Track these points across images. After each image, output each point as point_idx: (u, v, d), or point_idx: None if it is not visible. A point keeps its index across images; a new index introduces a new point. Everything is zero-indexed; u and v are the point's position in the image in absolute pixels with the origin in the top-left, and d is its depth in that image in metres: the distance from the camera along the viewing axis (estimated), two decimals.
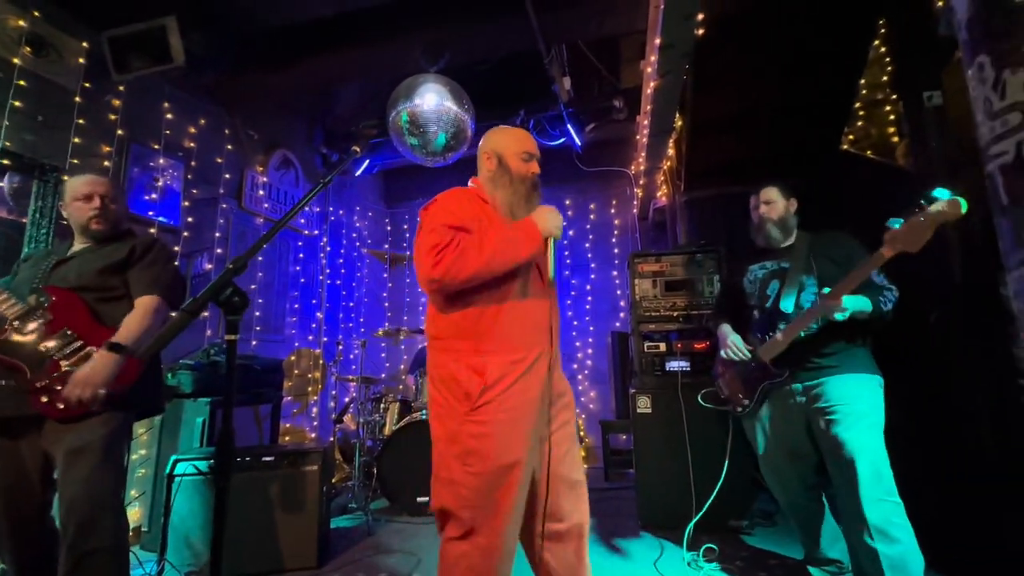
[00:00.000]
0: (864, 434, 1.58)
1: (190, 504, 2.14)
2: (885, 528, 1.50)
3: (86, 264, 1.57)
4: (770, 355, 1.78)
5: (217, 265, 3.26)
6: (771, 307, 1.84)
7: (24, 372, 1.39)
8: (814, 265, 1.81)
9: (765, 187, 1.97)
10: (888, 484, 1.54)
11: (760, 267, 1.96)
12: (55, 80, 2.41)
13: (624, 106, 3.59)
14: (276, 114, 3.90)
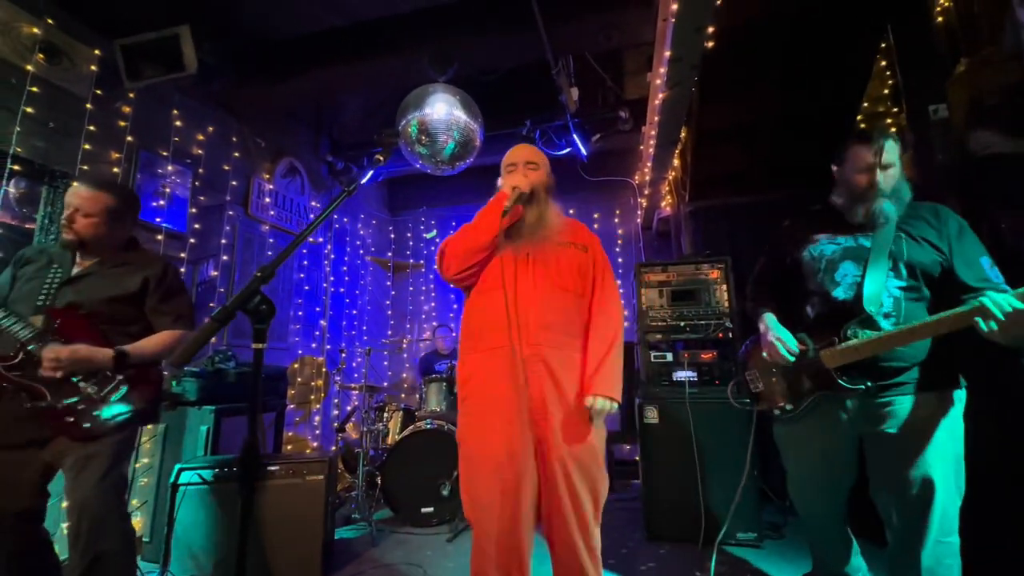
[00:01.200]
0: (940, 467, 1.30)
1: (194, 514, 2.11)
2: (935, 570, 1.33)
3: (95, 291, 1.57)
4: (838, 362, 1.37)
5: (222, 273, 3.26)
6: (845, 301, 1.40)
7: (44, 395, 1.41)
8: (905, 250, 1.35)
9: (883, 138, 1.37)
10: (950, 523, 1.33)
11: (829, 240, 1.48)
12: (67, 87, 2.42)
13: (629, 117, 3.62)
14: (283, 122, 3.92)
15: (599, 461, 1.45)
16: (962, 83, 2.32)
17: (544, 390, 1.39)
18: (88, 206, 1.58)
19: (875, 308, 1.35)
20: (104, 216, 1.60)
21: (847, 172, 1.47)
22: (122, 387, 1.46)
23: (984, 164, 2.15)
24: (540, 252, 1.50)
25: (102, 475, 1.43)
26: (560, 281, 1.48)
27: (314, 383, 4.04)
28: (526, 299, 1.44)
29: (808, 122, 3.18)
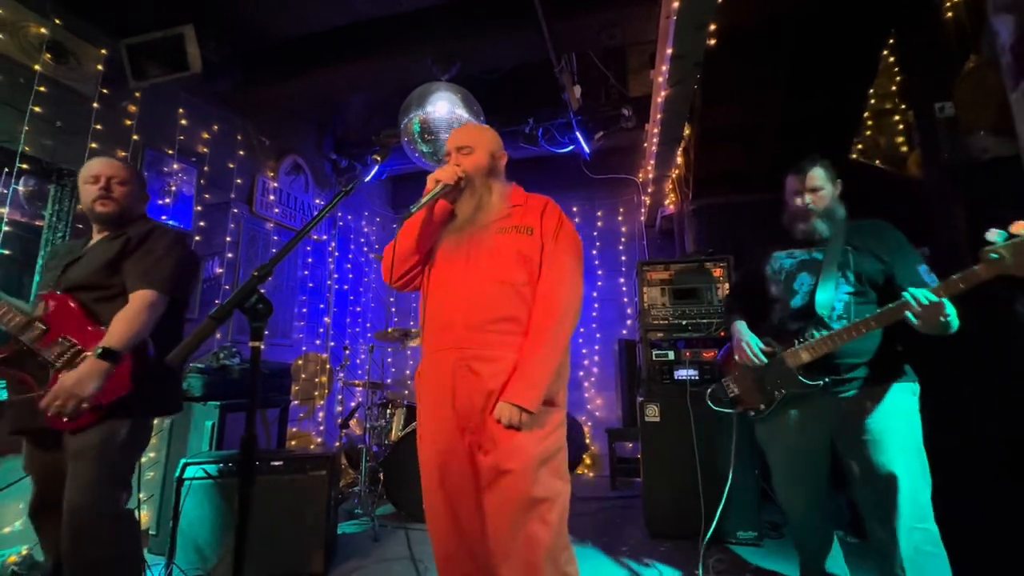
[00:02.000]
0: (900, 455, 1.41)
1: (199, 508, 2.14)
2: (915, 557, 1.38)
3: (92, 261, 1.49)
4: (799, 361, 1.54)
5: (227, 270, 3.29)
6: (802, 306, 1.58)
7: (33, 386, 1.36)
8: (851, 261, 1.54)
9: (809, 168, 1.62)
10: (923, 510, 1.40)
11: (787, 255, 1.69)
12: (74, 86, 2.45)
13: (632, 115, 3.61)
14: (287, 120, 3.94)
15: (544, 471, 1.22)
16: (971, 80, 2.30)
17: (472, 398, 1.25)
18: (122, 174, 1.58)
19: (827, 312, 1.53)
20: (136, 183, 1.63)
21: (786, 197, 1.70)
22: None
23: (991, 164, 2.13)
24: (476, 244, 1.33)
25: (91, 477, 1.35)
26: (495, 273, 1.30)
27: (318, 379, 4.07)
28: (454, 298, 1.31)
29: (812, 120, 3.16)
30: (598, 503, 3.28)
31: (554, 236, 1.36)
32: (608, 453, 3.74)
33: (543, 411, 1.24)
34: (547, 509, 1.20)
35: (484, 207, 1.37)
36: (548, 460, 1.23)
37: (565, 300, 1.30)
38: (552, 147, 3.88)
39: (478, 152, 1.41)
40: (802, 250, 1.67)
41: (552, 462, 1.24)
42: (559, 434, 1.28)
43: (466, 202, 1.37)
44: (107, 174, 1.56)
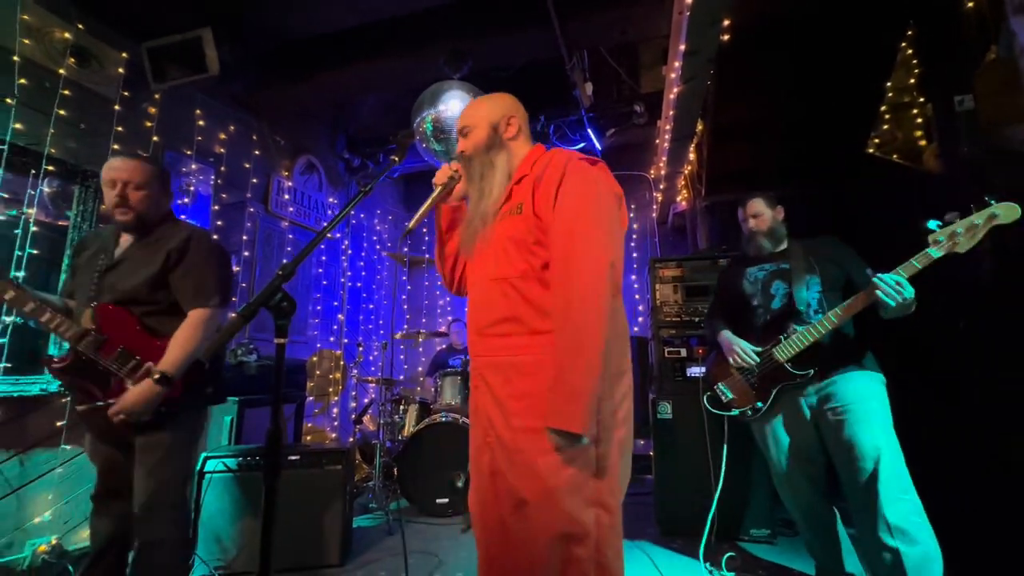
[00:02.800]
0: (880, 433, 1.58)
1: (219, 501, 2.20)
2: (905, 527, 1.48)
3: (131, 276, 1.52)
4: (787, 355, 1.74)
5: (244, 268, 3.35)
6: (783, 307, 1.82)
7: (98, 396, 1.45)
8: (816, 266, 1.82)
9: (749, 200, 2.00)
10: (906, 482, 1.53)
11: (759, 269, 1.95)
12: (96, 89, 2.51)
13: (644, 111, 3.59)
14: (301, 120, 3.99)
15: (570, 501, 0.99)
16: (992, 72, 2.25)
17: (486, 411, 1.11)
18: (138, 176, 1.52)
19: (805, 308, 1.77)
20: (155, 185, 1.56)
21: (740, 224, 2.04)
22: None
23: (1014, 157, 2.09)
24: (479, 238, 1.18)
25: (152, 468, 1.46)
26: (490, 270, 1.14)
27: (332, 376, 4.13)
28: (469, 302, 1.22)
29: (827, 115, 3.12)
30: None
31: (552, 202, 1.07)
32: None
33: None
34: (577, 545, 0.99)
35: (486, 193, 1.19)
36: (577, 489, 0.99)
37: (586, 287, 0.99)
38: (564, 144, 3.88)
39: (477, 128, 1.23)
40: (770, 263, 1.93)
41: (583, 490, 0.99)
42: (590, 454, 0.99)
43: (471, 192, 1.23)
44: (123, 178, 1.51)
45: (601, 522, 1.00)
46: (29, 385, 2.16)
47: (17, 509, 2.10)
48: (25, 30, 2.22)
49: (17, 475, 2.11)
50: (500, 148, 1.21)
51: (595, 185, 1.08)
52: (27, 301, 1.41)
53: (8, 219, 2.18)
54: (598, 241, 1.02)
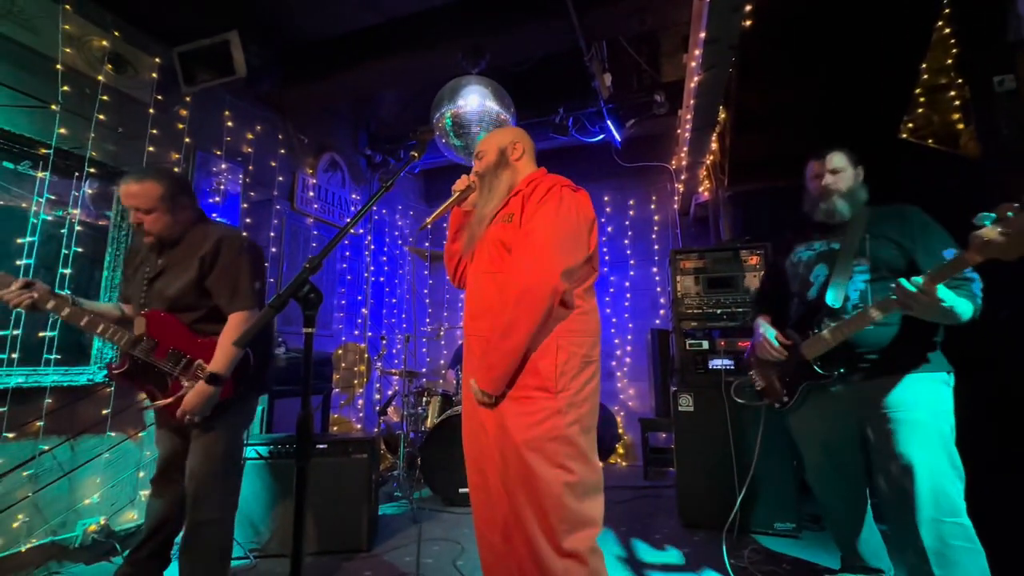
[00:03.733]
0: (923, 447, 1.39)
1: (252, 486, 2.29)
2: (942, 551, 1.35)
3: (174, 282, 1.61)
4: (813, 353, 1.57)
5: (272, 264, 3.46)
6: (814, 298, 1.62)
7: (156, 395, 1.59)
8: (868, 248, 1.56)
9: (829, 152, 1.69)
10: (950, 503, 1.36)
11: (807, 248, 1.71)
12: (132, 94, 2.63)
13: (665, 100, 3.54)
14: (324, 119, 4.08)
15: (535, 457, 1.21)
16: None
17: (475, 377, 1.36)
18: (142, 201, 1.55)
19: (838, 302, 1.54)
20: (161, 205, 1.56)
21: (806, 182, 1.75)
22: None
23: None
24: (480, 240, 1.43)
25: (208, 449, 1.58)
26: (484, 265, 1.39)
27: (357, 368, 4.24)
28: (467, 291, 1.48)
29: (857, 99, 3.02)
30: (631, 492, 3.29)
31: (531, 209, 1.31)
32: (641, 443, 3.73)
33: (532, 396, 1.24)
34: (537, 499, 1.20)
35: (490, 200, 1.43)
36: (538, 448, 1.21)
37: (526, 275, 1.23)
38: (583, 136, 3.86)
39: (488, 153, 1.49)
40: (821, 241, 1.69)
41: (545, 450, 1.21)
42: (554, 423, 1.22)
43: (479, 201, 1.48)
44: (132, 205, 1.56)
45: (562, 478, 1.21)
46: (77, 376, 2.30)
47: (69, 491, 2.25)
48: (66, 39, 2.34)
49: (68, 459, 2.25)
50: (506, 167, 1.46)
51: (565, 209, 1.29)
52: (82, 316, 1.54)
53: (55, 219, 2.31)
54: (549, 258, 1.23)
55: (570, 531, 1.18)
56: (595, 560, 1.20)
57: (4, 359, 2.07)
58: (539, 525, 1.19)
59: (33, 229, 2.20)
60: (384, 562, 2.21)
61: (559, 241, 1.25)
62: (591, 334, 1.34)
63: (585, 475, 1.23)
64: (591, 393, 1.31)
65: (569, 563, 1.16)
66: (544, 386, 1.24)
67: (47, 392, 2.17)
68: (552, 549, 1.17)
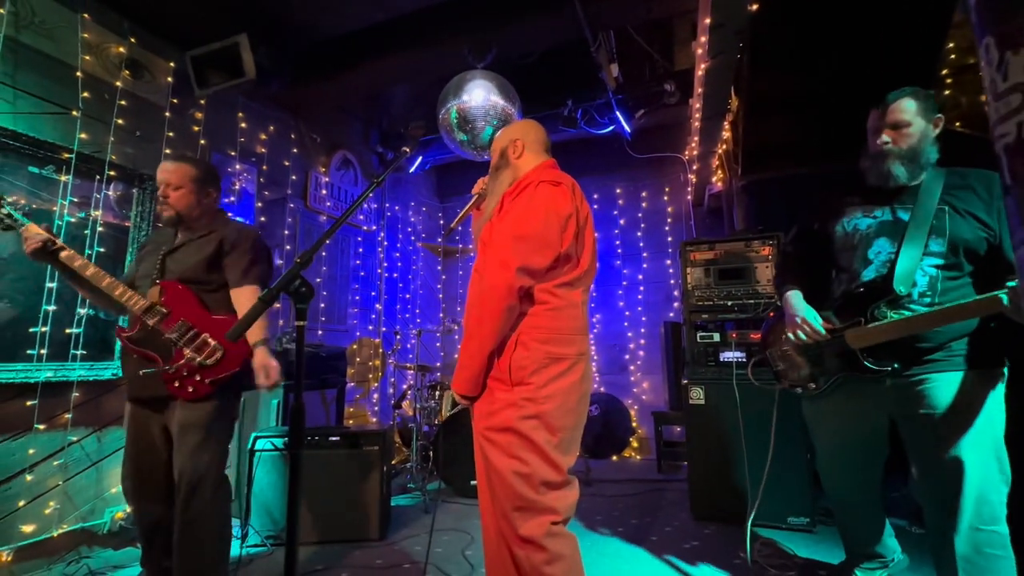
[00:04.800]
0: (973, 453, 1.26)
1: (269, 477, 2.37)
2: (974, 559, 1.27)
3: (188, 258, 1.69)
4: (864, 343, 1.33)
5: (286, 262, 3.54)
6: (876, 280, 1.35)
7: (159, 361, 1.61)
8: (947, 223, 1.27)
9: (894, 99, 1.36)
10: (991, 511, 1.26)
11: (865, 212, 1.42)
12: (148, 98, 2.71)
13: (676, 89, 3.48)
14: (335, 117, 4.14)
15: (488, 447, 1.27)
16: None
17: None
18: (175, 178, 1.69)
19: (906, 288, 1.29)
20: (190, 185, 1.71)
21: (868, 136, 1.45)
22: (217, 352, 1.60)
23: None
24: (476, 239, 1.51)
25: (198, 444, 1.59)
26: (477, 264, 1.39)
27: (371, 363, 4.31)
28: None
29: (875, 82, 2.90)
30: (644, 485, 3.28)
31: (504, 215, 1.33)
32: (655, 436, 3.71)
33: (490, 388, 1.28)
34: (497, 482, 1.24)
35: (490, 201, 1.49)
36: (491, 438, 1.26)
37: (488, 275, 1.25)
38: (592, 129, 3.83)
39: (495, 154, 1.53)
40: (885, 208, 1.39)
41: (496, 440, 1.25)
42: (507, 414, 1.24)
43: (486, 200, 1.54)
44: (164, 179, 1.69)
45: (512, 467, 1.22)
46: (103, 370, 2.40)
47: (97, 480, 2.36)
48: (85, 47, 2.43)
49: (96, 450, 2.36)
50: (506, 167, 1.48)
51: (534, 205, 1.28)
52: (104, 277, 1.61)
53: (78, 220, 2.41)
54: (508, 256, 1.22)
55: (524, 519, 1.20)
56: (555, 544, 1.19)
57: (34, 354, 2.18)
58: (499, 512, 1.23)
59: (58, 231, 2.30)
60: (395, 550, 2.26)
61: (519, 238, 1.24)
62: (561, 331, 1.29)
63: (540, 470, 1.22)
64: (560, 391, 1.26)
65: (528, 548, 1.18)
66: (500, 378, 1.27)
67: (74, 386, 2.28)
68: (512, 536, 1.20)
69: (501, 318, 1.22)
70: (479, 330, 1.24)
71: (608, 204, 4.77)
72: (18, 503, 2.09)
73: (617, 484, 3.30)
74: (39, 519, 2.15)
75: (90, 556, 2.25)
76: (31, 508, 2.13)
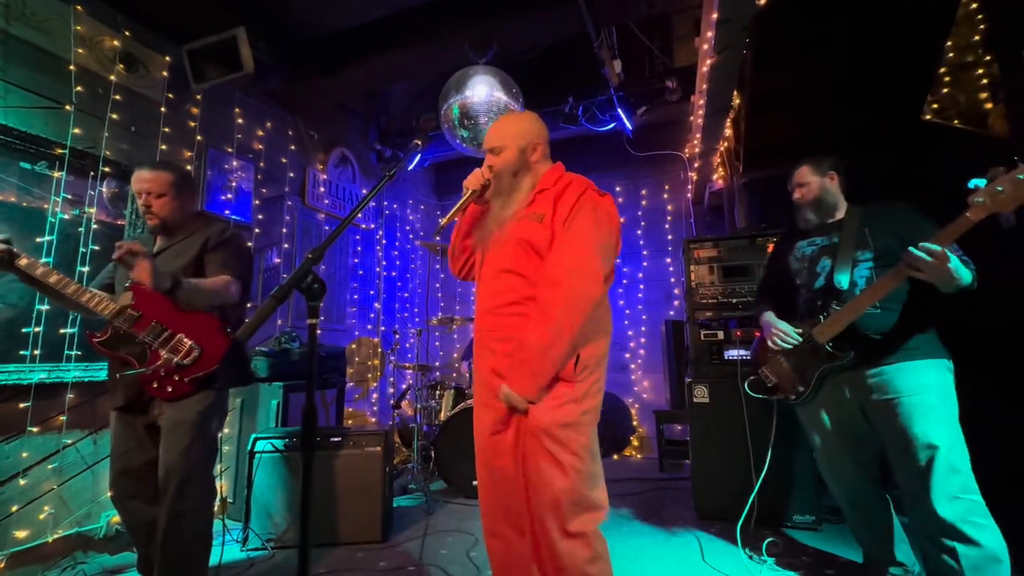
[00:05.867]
0: (935, 427, 1.46)
1: (269, 478, 2.33)
2: (962, 528, 1.39)
3: (169, 263, 1.67)
4: (827, 336, 1.62)
5: (284, 260, 3.49)
6: (823, 285, 1.70)
7: (134, 364, 1.59)
8: (869, 239, 1.66)
9: (797, 167, 1.86)
10: (965, 480, 1.43)
11: (809, 243, 1.82)
12: (144, 93, 2.66)
13: (677, 86, 3.46)
14: (334, 114, 4.08)
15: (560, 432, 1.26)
16: None
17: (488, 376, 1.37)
18: (155, 187, 1.67)
19: (846, 285, 1.63)
20: (172, 191, 1.70)
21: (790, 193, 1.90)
22: (194, 351, 1.58)
23: None
24: (496, 237, 1.42)
25: (188, 442, 1.58)
26: (501, 263, 1.38)
27: (371, 362, 4.27)
28: (479, 287, 1.47)
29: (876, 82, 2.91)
30: (646, 484, 3.27)
31: (566, 219, 1.31)
32: (656, 435, 3.70)
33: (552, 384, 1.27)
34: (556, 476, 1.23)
35: (510, 202, 1.42)
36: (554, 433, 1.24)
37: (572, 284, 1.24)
38: (593, 126, 3.81)
39: (507, 150, 1.43)
40: (821, 236, 1.79)
41: (559, 436, 1.24)
42: (570, 410, 1.25)
43: (496, 201, 1.46)
44: (145, 189, 1.68)
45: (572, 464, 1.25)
46: (98, 371, 2.35)
47: (92, 483, 2.31)
48: (78, 40, 2.37)
49: (91, 453, 2.31)
50: (527, 171, 1.45)
51: (601, 215, 1.34)
52: (69, 284, 1.57)
53: (72, 218, 2.35)
54: (594, 268, 1.28)
55: (577, 513, 1.22)
56: (599, 544, 1.24)
57: (28, 355, 2.12)
58: (550, 507, 1.22)
59: (51, 228, 2.25)
60: (398, 553, 2.22)
61: (599, 250, 1.29)
62: (608, 333, 1.39)
63: (593, 465, 1.29)
64: (600, 389, 1.37)
65: (575, 544, 1.20)
66: (566, 376, 1.28)
67: (69, 387, 2.22)
68: (559, 531, 1.21)
69: (583, 327, 1.25)
70: (562, 339, 1.23)
71: None
72: (11, 508, 2.04)
73: (620, 483, 3.28)
74: (33, 524, 2.10)
75: (86, 561, 2.19)
76: (25, 513, 2.07)
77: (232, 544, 2.28)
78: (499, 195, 1.45)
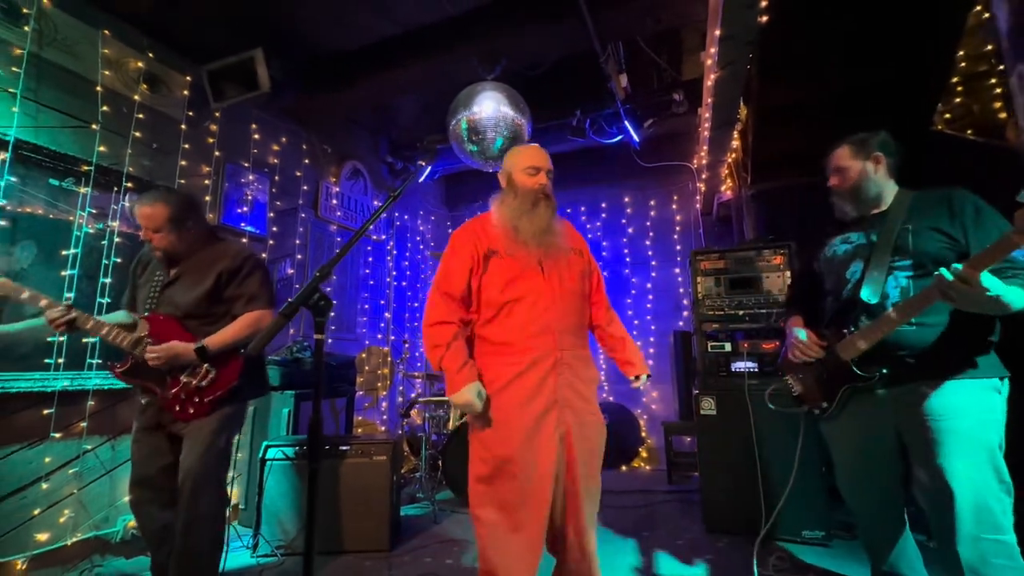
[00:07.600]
0: (967, 459, 1.29)
1: (280, 486, 2.37)
2: (979, 568, 1.27)
3: (186, 293, 1.74)
4: (852, 353, 1.44)
5: (297, 271, 3.57)
6: (849, 295, 1.49)
7: (155, 391, 1.69)
8: (910, 241, 1.41)
9: (835, 148, 1.60)
10: (992, 520, 1.27)
11: (843, 240, 1.58)
12: (165, 111, 2.77)
13: (684, 99, 3.49)
14: (346, 128, 4.19)
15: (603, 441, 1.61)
16: None
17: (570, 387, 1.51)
18: (151, 222, 1.71)
19: (875, 298, 1.42)
20: (167, 226, 1.72)
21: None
22: (210, 373, 1.68)
23: None
24: (554, 259, 1.56)
25: (205, 448, 1.67)
26: (572, 286, 1.59)
27: (380, 371, 4.32)
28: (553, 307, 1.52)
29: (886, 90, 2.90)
30: (654, 496, 3.25)
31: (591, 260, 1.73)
32: (664, 447, 3.68)
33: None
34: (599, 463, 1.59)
35: (554, 228, 1.57)
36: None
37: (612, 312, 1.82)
38: (600, 138, 3.85)
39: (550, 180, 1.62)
40: (859, 232, 1.55)
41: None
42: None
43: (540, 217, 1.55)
44: (143, 224, 1.72)
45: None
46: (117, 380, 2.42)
47: (110, 488, 2.38)
48: (105, 63, 2.49)
49: (109, 459, 2.38)
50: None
51: None
52: (87, 320, 1.65)
53: (96, 231, 2.45)
54: None
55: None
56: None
57: (52, 363, 2.21)
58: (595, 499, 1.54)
59: (77, 241, 2.34)
60: (405, 562, 2.24)
61: None
62: None
63: None
64: None
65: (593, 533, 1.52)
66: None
67: (90, 395, 2.30)
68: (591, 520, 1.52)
69: None
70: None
71: (616, 212, 4.77)
72: (33, 511, 2.11)
73: (628, 495, 3.27)
74: (54, 527, 2.17)
75: (102, 565, 2.26)
76: (46, 516, 2.15)
77: (243, 550, 2.33)
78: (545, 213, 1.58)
